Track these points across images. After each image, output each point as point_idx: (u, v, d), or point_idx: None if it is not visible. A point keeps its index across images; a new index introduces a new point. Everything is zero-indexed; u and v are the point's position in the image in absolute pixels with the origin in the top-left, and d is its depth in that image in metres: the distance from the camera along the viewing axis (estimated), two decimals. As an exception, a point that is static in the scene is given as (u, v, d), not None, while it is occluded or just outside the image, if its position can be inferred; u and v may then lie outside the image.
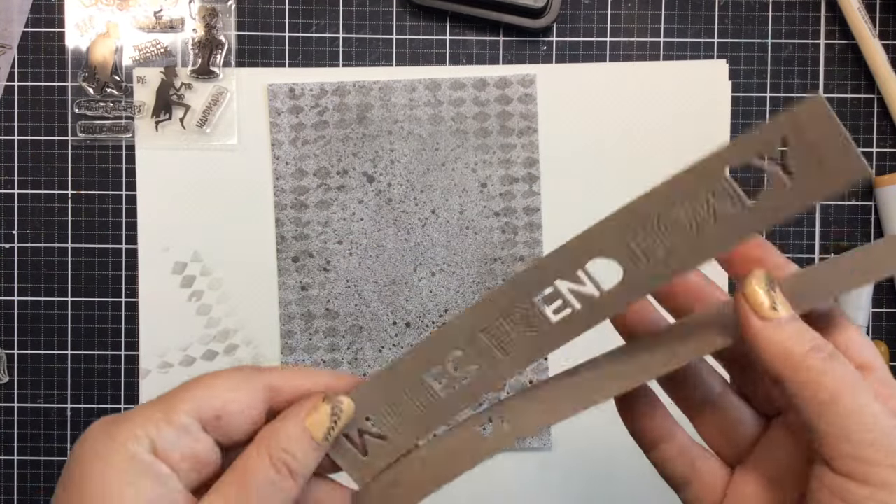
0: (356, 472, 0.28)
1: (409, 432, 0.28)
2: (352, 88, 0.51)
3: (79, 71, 0.51)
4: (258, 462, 0.25)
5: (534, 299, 0.27)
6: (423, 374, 0.28)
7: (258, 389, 0.27)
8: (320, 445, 0.26)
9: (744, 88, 0.52)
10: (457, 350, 0.28)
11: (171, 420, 0.25)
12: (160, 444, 0.25)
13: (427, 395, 0.28)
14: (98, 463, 0.24)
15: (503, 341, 0.27)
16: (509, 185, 0.51)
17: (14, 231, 0.51)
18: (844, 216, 0.52)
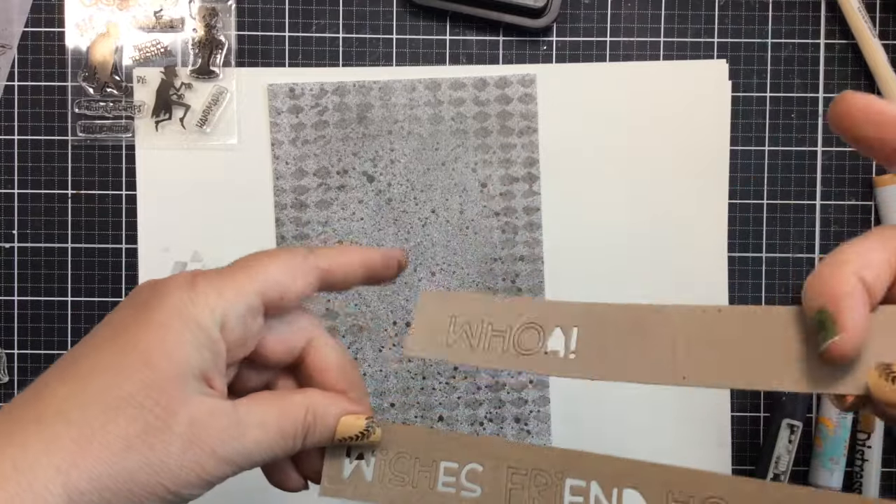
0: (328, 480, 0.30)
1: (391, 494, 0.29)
2: (352, 88, 0.51)
3: (79, 71, 0.51)
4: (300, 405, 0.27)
5: (564, 482, 0.28)
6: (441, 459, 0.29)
7: (315, 271, 0.28)
8: (332, 440, 0.28)
9: (744, 88, 0.52)
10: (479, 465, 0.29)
11: (243, 297, 0.26)
12: (229, 323, 0.26)
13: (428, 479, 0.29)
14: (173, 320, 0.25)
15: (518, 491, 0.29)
16: (509, 184, 0.51)
17: (14, 231, 0.51)
18: (844, 216, 0.52)
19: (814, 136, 0.52)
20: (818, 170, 0.52)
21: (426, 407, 0.50)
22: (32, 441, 0.23)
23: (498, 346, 0.29)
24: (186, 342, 0.25)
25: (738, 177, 0.52)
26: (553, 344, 0.29)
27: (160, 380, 0.25)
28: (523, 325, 0.29)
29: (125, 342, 0.25)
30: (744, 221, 0.52)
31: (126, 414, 0.24)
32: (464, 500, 0.29)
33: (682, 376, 0.27)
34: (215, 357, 0.26)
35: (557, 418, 0.51)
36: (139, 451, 0.24)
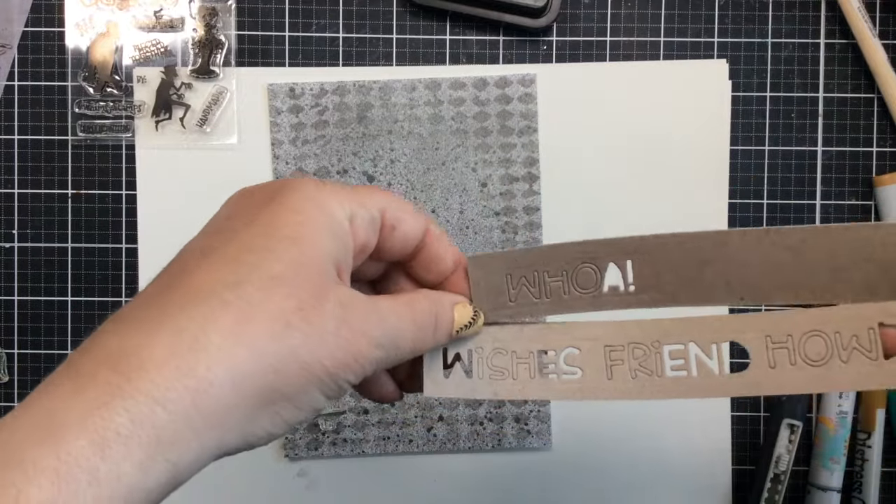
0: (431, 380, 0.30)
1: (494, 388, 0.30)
2: (352, 88, 0.51)
3: (79, 70, 0.51)
4: (423, 301, 0.28)
5: (662, 349, 0.29)
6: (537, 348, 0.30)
7: (424, 223, 0.29)
8: (453, 332, 0.29)
9: (744, 88, 0.52)
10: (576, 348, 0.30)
11: (367, 206, 0.27)
12: (356, 220, 0.27)
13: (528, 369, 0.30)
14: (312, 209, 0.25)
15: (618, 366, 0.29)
16: (509, 184, 0.51)
17: (14, 231, 0.51)
18: (844, 216, 0.52)
19: (814, 136, 0.52)
20: (818, 170, 0.52)
21: (426, 407, 0.50)
22: (185, 323, 0.22)
23: (559, 290, 0.29)
24: (323, 227, 0.25)
25: (738, 177, 0.52)
26: (611, 279, 0.29)
27: (307, 260, 0.24)
28: (577, 267, 0.29)
29: (267, 224, 0.25)
30: (744, 221, 0.52)
31: (281, 292, 0.23)
32: (567, 383, 0.29)
33: (740, 297, 0.27)
34: (346, 249, 0.26)
35: (557, 418, 0.51)
36: (298, 327, 0.23)
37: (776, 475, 0.49)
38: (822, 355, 0.27)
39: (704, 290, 0.28)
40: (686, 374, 0.28)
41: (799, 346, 0.27)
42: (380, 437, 0.50)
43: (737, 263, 0.28)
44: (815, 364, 0.27)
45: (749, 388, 0.28)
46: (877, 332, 0.27)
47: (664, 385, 0.29)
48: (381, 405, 0.50)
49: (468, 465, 0.51)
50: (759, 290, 0.28)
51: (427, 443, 0.50)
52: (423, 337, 0.28)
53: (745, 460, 0.51)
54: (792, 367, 0.27)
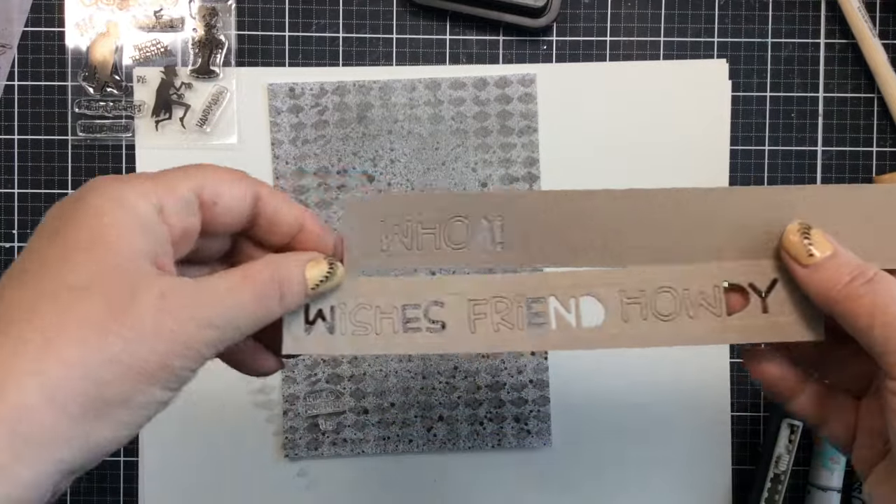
0: (291, 338, 0.30)
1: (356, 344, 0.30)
2: (352, 88, 0.51)
3: (79, 70, 0.51)
4: (263, 270, 0.27)
5: (524, 300, 0.30)
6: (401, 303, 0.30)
7: (251, 189, 0.28)
8: (307, 291, 0.28)
9: (744, 88, 0.52)
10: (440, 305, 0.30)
11: (177, 191, 0.26)
12: (166, 209, 0.26)
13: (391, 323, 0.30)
14: (116, 209, 0.25)
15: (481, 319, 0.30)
16: (509, 184, 0.51)
17: (14, 231, 0.51)
18: (844, 216, 0.52)
19: (814, 136, 0.52)
20: (818, 170, 0.52)
21: (426, 407, 0.50)
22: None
23: (430, 243, 0.30)
24: (129, 225, 0.25)
25: (738, 177, 0.52)
26: (480, 235, 0.30)
27: (112, 262, 0.24)
28: (450, 219, 0.29)
29: (67, 233, 0.24)
30: (744, 221, 0.52)
31: (85, 300, 0.23)
32: (430, 338, 0.30)
33: (601, 258, 0.29)
34: (160, 239, 0.26)
35: (557, 418, 0.51)
36: (111, 330, 0.23)
37: (776, 475, 0.49)
38: (671, 311, 0.29)
39: (569, 250, 0.29)
40: (546, 327, 0.30)
41: (651, 301, 0.29)
42: (380, 437, 0.50)
43: (601, 224, 0.29)
44: (665, 319, 0.29)
45: (604, 341, 0.29)
46: (721, 290, 0.29)
47: (525, 337, 0.30)
48: (380, 405, 0.50)
49: (468, 465, 0.51)
50: (621, 250, 0.29)
51: (427, 443, 0.50)
52: (269, 305, 0.27)
53: (745, 460, 0.51)
54: (644, 321, 0.29)
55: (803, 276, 0.28)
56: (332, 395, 0.50)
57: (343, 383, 0.50)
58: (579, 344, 0.29)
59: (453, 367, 0.50)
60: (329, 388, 0.50)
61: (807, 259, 0.27)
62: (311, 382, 0.50)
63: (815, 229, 0.28)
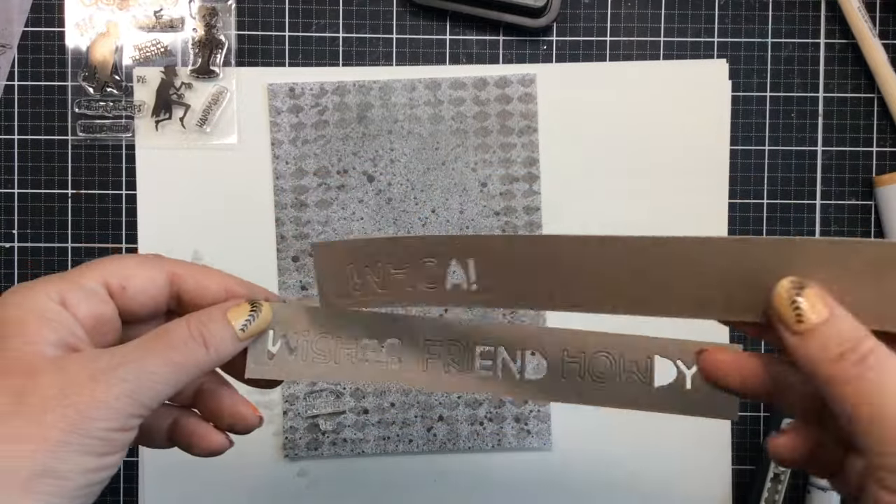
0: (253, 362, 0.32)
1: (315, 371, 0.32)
2: (352, 88, 0.51)
3: (79, 70, 0.51)
4: (178, 326, 0.28)
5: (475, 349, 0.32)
6: (362, 336, 0.32)
7: (162, 271, 0.30)
8: (237, 335, 0.29)
9: (744, 88, 0.52)
10: (398, 339, 0.32)
11: (80, 283, 0.28)
12: (69, 300, 0.28)
13: (350, 354, 0.32)
14: (13, 309, 0.27)
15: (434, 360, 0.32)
16: (509, 184, 0.51)
17: (14, 231, 0.51)
18: (844, 215, 0.52)
19: (814, 135, 0.52)
20: (818, 170, 0.52)
21: (426, 407, 0.50)
22: None
23: (403, 282, 0.30)
24: (33, 320, 0.27)
25: (738, 177, 0.52)
26: (454, 277, 0.30)
27: (10, 358, 0.26)
28: (422, 262, 0.30)
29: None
30: (744, 221, 0.52)
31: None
32: (384, 371, 0.32)
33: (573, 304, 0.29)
34: (67, 327, 0.27)
35: (557, 418, 0.51)
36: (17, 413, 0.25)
37: (776, 475, 0.49)
38: (605, 373, 0.31)
39: (539, 296, 0.29)
40: (492, 374, 0.32)
41: (589, 362, 0.31)
42: (380, 437, 0.50)
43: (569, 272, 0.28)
44: (599, 379, 0.31)
45: (541, 395, 0.31)
46: (653, 361, 0.31)
47: (471, 381, 0.32)
48: (380, 405, 0.50)
49: (468, 465, 0.51)
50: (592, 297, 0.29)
51: (427, 443, 0.50)
52: (194, 355, 0.28)
53: (746, 460, 0.51)
54: (579, 379, 0.31)
55: (791, 344, 0.24)
56: (332, 395, 0.50)
57: (343, 383, 0.50)
58: (519, 394, 0.32)
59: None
60: (329, 388, 0.50)
61: (795, 325, 0.24)
62: (311, 382, 0.50)
63: (809, 288, 0.24)
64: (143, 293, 0.30)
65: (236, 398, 0.32)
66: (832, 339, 0.23)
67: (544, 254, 0.29)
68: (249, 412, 0.32)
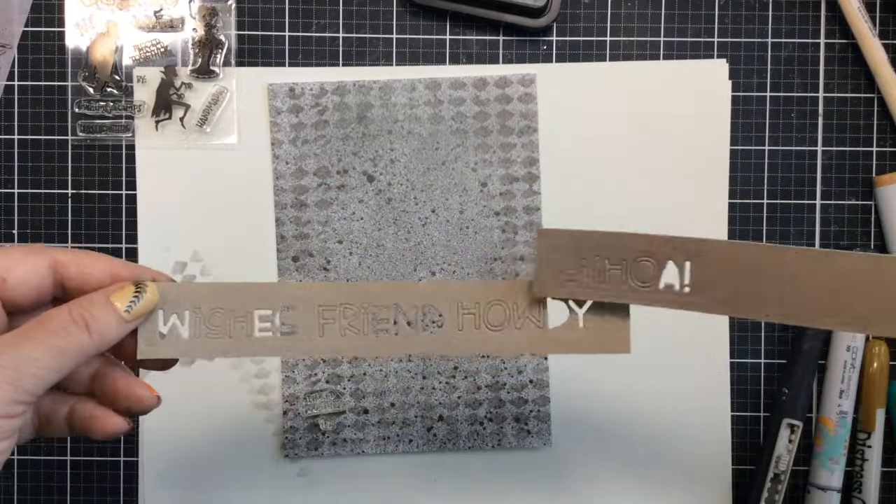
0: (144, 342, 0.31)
1: (209, 346, 0.32)
2: (352, 88, 0.51)
3: (79, 70, 0.51)
4: (59, 312, 0.29)
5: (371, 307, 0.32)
6: (254, 308, 0.32)
7: (44, 260, 0.30)
8: (121, 317, 0.30)
9: (744, 88, 0.52)
10: (292, 309, 0.32)
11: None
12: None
13: (244, 327, 0.32)
14: None
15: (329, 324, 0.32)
16: (509, 184, 0.51)
17: (14, 231, 0.51)
18: (844, 216, 0.52)
19: (814, 135, 0.52)
20: (818, 169, 0.52)
21: (426, 407, 0.50)
22: None
23: (618, 278, 0.31)
24: None
25: (738, 177, 0.52)
26: (668, 277, 0.30)
27: None
28: (637, 258, 0.31)
29: None
30: (744, 221, 0.52)
31: None
32: (279, 340, 0.32)
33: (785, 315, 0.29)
34: None
35: (557, 418, 0.51)
36: None
37: (776, 475, 0.49)
38: (501, 322, 0.32)
39: (756, 303, 0.29)
40: (390, 333, 0.32)
41: (484, 312, 0.32)
42: (380, 437, 0.50)
43: (790, 281, 0.29)
44: (495, 329, 0.32)
45: (440, 346, 0.32)
46: (545, 304, 0.32)
47: (371, 344, 0.32)
48: (380, 405, 0.50)
49: (468, 465, 0.51)
50: (808, 310, 0.29)
51: (427, 443, 0.50)
52: (76, 339, 0.28)
53: (745, 460, 0.51)
54: (476, 330, 0.32)
55: None
56: (332, 395, 0.50)
57: (343, 383, 0.50)
58: (417, 349, 0.32)
59: (453, 367, 0.50)
60: (329, 388, 0.50)
61: None
62: (311, 382, 0.50)
63: None
64: (24, 283, 0.30)
65: (131, 380, 0.32)
66: None
67: (764, 262, 0.29)
68: (146, 393, 0.32)
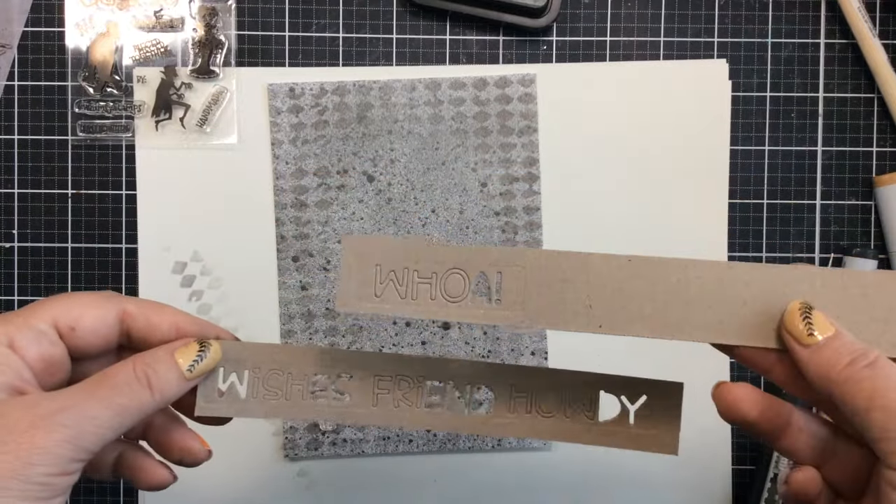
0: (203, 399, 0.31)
1: (266, 407, 0.32)
2: (352, 88, 0.51)
3: (79, 70, 0.51)
4: (122, 367, 0.29)
5: (425, 384, 0.32)
6: (314, 373, 0.32)
7: (113, 310, 0.30)
8: (183, 375, 0.29)
9: (744, 88, 0.52)
10: (348, 376, 0.32)
11: (29, 324, 0.29)
12: (17, 342, 0.28)
13: (301, 390, 0.32)
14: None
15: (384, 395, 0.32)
16: (509, 184, 0.51)
17: (14, 231, 0.51)
18: (844, 216, 0.52)
19: (814, 135, 0.52)
20: (818, 170, 0.52)
21: (426, 407, 0.50)
22: None
23: (426, 294, 0.30)
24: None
25: (738, 177, 0.52)
26: (478, 290, 0.30)
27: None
28: (448, 271, 0.30)
29: None
30: (744, 221, 0.52)
31: None
32: (335, 407, 0.32)
33: (599, 325, 0.29)
34: (14, 370, 0.28)
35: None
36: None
37: (776, 475, 0.49)
38: (552, 409, 0.32)
39: (563, 315, 0.29)
40: (441, 409, 0.32)
41: (536, 397, 0.32)
42: (380, 437, 0.50)
43: (598, 288, 0.29)
44: (546, 415, 0.32)
45: (490, 429, 0.32)
46: (598, 396, 0.32)
47: (421, 417, 0.32)
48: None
49: (468, 465, 0.51)
50: (616, 319, 0.29)
51: (427, 443, 0.50)
52: (138, 397, 0.28)
53: (746, 460, 0.51)
54: (527, 414, 0.32)
55: (803, 357, 0.27)
56: (332, 395, 0.50)
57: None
58: (467, 429, 0.32)
59: (453, 367, 0.50)
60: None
61: (807, 339, 0.27)
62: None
63: (816, 310, 0.28)
64: (92, 333, 0.30)
65: (186, 433, 0.32)
66: (843, 349, 0.27)
67: (573, 270, 0.29)
68: (198, 447, 0.32)
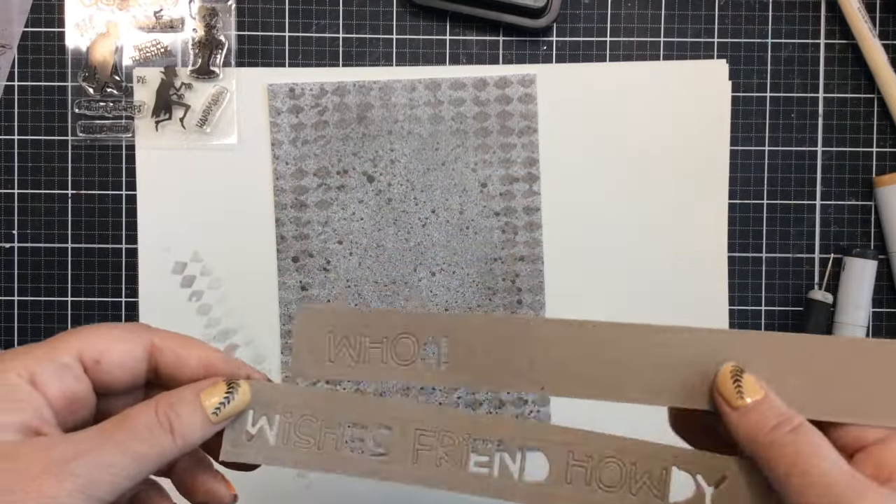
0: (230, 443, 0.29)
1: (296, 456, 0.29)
2: (352, 88, 0.51)
3: (79, 71, 0.51)
4: (143, 409, 0.27)
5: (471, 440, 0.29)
6: (347, 422, 0.29)
7: (140, 343, 0.28)
8: (209, 419, 0.27)
9: (744, 88, 0.52)
10: (387, 427, 0.29)
11: (52, 357, 0.27)
12: (39, 377, 0.26)
13: (335, 440, 0.29)
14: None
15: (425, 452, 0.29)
16: (509, 184, 0.51)
17: (14, 231, 0.51)
18: (844, 216, 0.52)
19: (814, 136, 0.52)
20: (818, 170, 0.52)
21: (426, 407, 0.50)
22: None
23: (378, 358, 0.30)
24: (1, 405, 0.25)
25: (738, 177, 0.52)
26: (426, 354, 0.30)
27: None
28: (398, 336, 0.30)
29: None
30: (744, 221, 0.52)
31: None
32: (371, 462, 0.29)
33: (541, 386, 0.29)
34: (33, 407, 0.26)
35: (557, 418, 0.51)
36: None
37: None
38: (615, 483, 0.29)
39: (511, 375, 0.29)
40: (488, 472, 0.29)
41: (597, 468, 0.29)
42: (380, 438, 0.50)
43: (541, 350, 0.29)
44: (607, 489, 0.29)
45: (541, 500, 0.29)
46: (669, 473, 0.29)
47: (465, 480, 0.29)
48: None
49: (468, 465, 0.51)
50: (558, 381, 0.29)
51: (427, 443, 0.50)
52: (160, 446, 0.26)
53: (745, 460, 0.51)
54: (586, 486, 0.29)
55: (733, 419, 0.28)
56: (332, 395, 0.50)
57: (343, 384, 0.50)
58: (517, 497, 0.29)
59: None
60: (329, 388, 0.50)
61: (736, 402, 0.28)
62: (312, 382, 0.50)
63: (747, 374, 0.28)
64: (119, 367, 0.28)
65: (212, 476, 0.31)
66: (770, 413, 0.27)
67: (515, 334, 0.29)
68: (224, 491, 0.30)
